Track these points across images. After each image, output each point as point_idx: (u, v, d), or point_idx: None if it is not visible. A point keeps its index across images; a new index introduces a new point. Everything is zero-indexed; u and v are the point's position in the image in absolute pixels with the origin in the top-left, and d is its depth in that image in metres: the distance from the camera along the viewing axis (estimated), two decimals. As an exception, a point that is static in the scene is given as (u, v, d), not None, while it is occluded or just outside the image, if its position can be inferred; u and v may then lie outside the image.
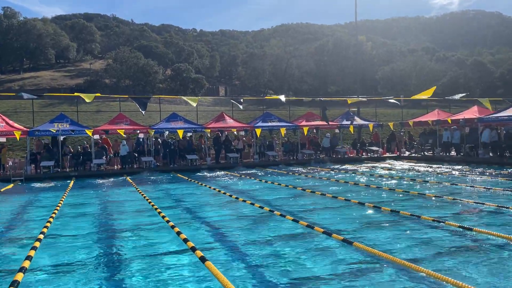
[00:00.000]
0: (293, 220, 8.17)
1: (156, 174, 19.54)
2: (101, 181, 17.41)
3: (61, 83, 68.68)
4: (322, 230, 7.21)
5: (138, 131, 22.31)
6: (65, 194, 12.98)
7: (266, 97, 29.86)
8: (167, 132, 22.96)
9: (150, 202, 10.85)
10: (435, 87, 22.98)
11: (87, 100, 19.42)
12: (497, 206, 8.89)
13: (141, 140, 22.66)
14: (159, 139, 23.01)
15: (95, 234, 7.88)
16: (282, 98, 22.15)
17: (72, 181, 17.01)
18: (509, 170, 16.26)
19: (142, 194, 12.47)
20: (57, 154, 20.18)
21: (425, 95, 22.46)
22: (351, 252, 6.07)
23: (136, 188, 14.14)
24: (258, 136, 23.65)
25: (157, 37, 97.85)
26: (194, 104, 20.85)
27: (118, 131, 20.83)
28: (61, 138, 20.39)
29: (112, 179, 18.14)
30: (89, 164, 20.49)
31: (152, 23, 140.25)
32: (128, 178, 17.91)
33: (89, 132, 20.31)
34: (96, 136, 21.49)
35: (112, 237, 7.55)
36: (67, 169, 20.34)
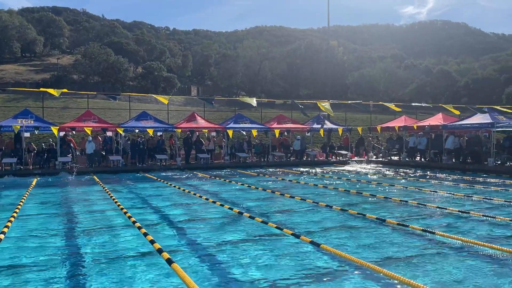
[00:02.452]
0: (262, 222, 8.19)
1: (124, 173, 19.18)
2: (66, 180, 16.93)
3: (26, 77, 66.30)
4: (291, 232, 7.26)
5: (106, 130, 21.84)
6: (27, 193, 12.53)
7: (238, 98, 29.81)
8: (136, 130, 22.58)
9: (116, 202, 10.63)
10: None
11: (55, 95, 18.38)
12: (458, 211, 9.21)
13: (107, 138, 22.19)
14: (127, 138, 22.60)
15: (58, 234, 7.64)
16: (253, 102, 21.94)
17: (35, 179, 16.46)
18: (471, 177, 16.89)
19: (109, 193, 12.20)
20: (20, 151, 19.49)
21: (393, 108, 23.35)
22: (319, 254, 6.14)
23: (103, 187, 13.83)
24: (231, 137, 23.60)
25: (128, 34, 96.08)
26: (166, 102, 20.26)
27: (85, 129, 20.30)
28: (26, 134, 19.74)
29: (78, 177, 17.67)
30: (54, 162, 19.88)
31: (124, 19, 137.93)
32: (94, 176, 17.49)
33: (54, 129, 19.69)
34: (62, 134, 20.91)
35: (76, 238, 7.34)
36: (31, 167, 19.67)
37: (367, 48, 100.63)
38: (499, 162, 19.69)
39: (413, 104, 28.30)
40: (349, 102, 28.67)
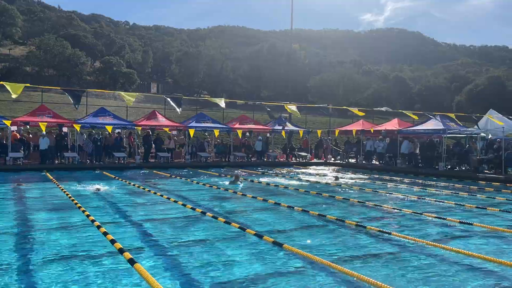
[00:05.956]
0: (225, 222, 8.20)
1: (80, 171, 18.59)
2: (17, 177, 16.16)
3: (-26, 67, 62.56)
4: (254, 232, 7.33)
5: (63, 126, 21.03)
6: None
7: (205, 98, 29.50)
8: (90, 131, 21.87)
9: (73, 200, 10.28)
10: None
11: (14, 93, 15.07)
12: (412, 212, 9.63)
13: (63, 134, 21.39)
14: (84, 134, 21.87)
15: (9, 233, 7.29)
16: (222, 103, 20.93)
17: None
18: (423, 180, 17.69)
19: (65, 192, 11.78)
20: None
21: (357, 112, 24.03)
22: (281, 254, 6.24)
23: (58, 185, 13.33)
24: (192, 136, 23.37)
25: (86, 26, 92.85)
26: (132, 100, 18.43)
27: (40, 124, 19.44)
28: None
29: (30, 174, 16.92)
30: (5, 158, 18.94)
31: (82, 11, 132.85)
32: (48, 173, 16.81)
33: (7, 123, 18.72)
34: (14, 128, 19.94)
35: (29, 238, 7.03)
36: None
37: (327, 53, 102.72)
38: (449, 167, 20.73)
39: (374, 109, 29.24)
40: (315, 106, 29.15)
